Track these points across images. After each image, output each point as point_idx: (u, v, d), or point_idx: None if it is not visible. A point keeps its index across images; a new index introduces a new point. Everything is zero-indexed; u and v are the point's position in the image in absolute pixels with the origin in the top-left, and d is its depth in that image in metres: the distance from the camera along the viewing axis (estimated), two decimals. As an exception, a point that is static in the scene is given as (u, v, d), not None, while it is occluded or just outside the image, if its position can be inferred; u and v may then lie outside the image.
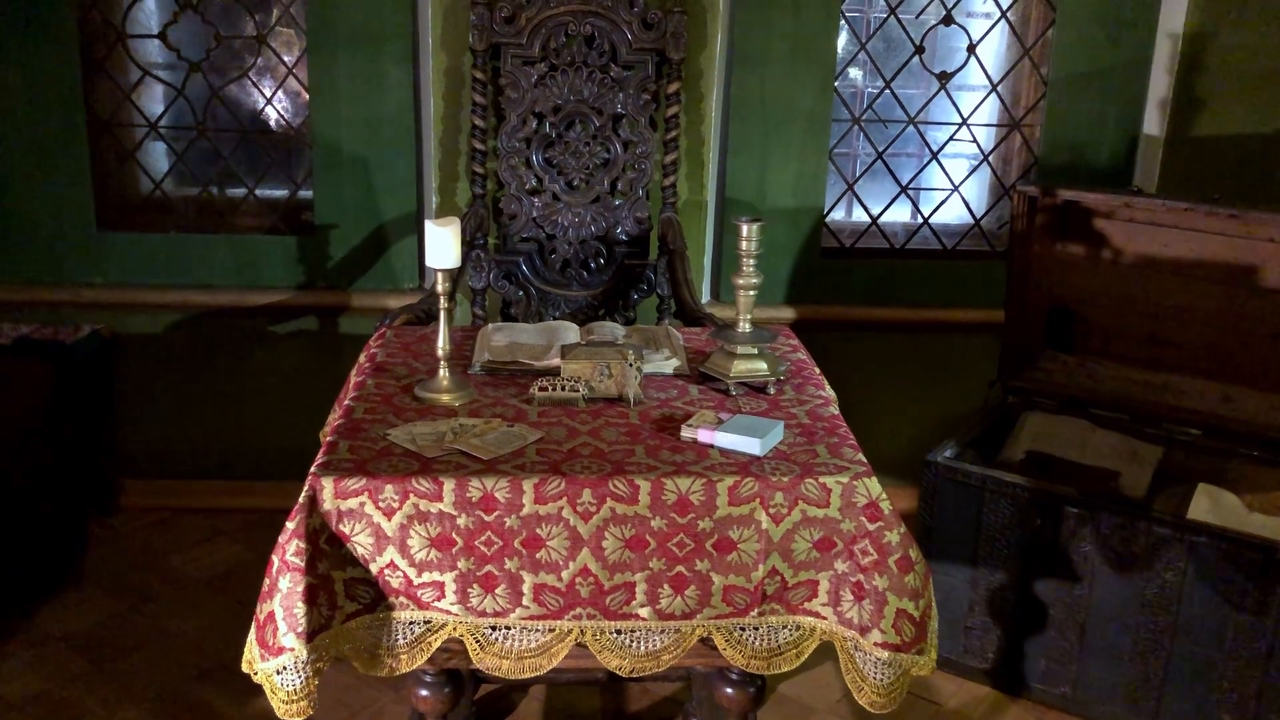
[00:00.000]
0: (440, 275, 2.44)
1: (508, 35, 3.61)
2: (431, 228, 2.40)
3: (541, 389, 2.46)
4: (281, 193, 4.15)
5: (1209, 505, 3.12)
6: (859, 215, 4.26)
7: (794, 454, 2.23)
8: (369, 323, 3.80)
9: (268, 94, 4.06)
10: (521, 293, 3.76)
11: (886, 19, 4.05)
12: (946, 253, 4.22)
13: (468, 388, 2.51)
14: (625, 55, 3.64)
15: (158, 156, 4.12)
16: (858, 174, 4.24)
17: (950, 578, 3.26)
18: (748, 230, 2.51)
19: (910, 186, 4.21)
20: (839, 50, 3.99)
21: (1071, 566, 3.07)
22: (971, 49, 4.06)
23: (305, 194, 4.08)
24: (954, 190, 4.19)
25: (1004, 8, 4.04)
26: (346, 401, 2.48)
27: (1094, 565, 3.04)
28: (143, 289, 3.98)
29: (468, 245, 3.58)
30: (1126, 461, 3.43)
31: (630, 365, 2.47)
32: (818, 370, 2.77)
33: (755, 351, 2.58)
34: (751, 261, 2.54)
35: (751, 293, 2.57)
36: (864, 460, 2.22)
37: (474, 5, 3.57)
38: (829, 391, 2.69)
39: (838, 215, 4.28)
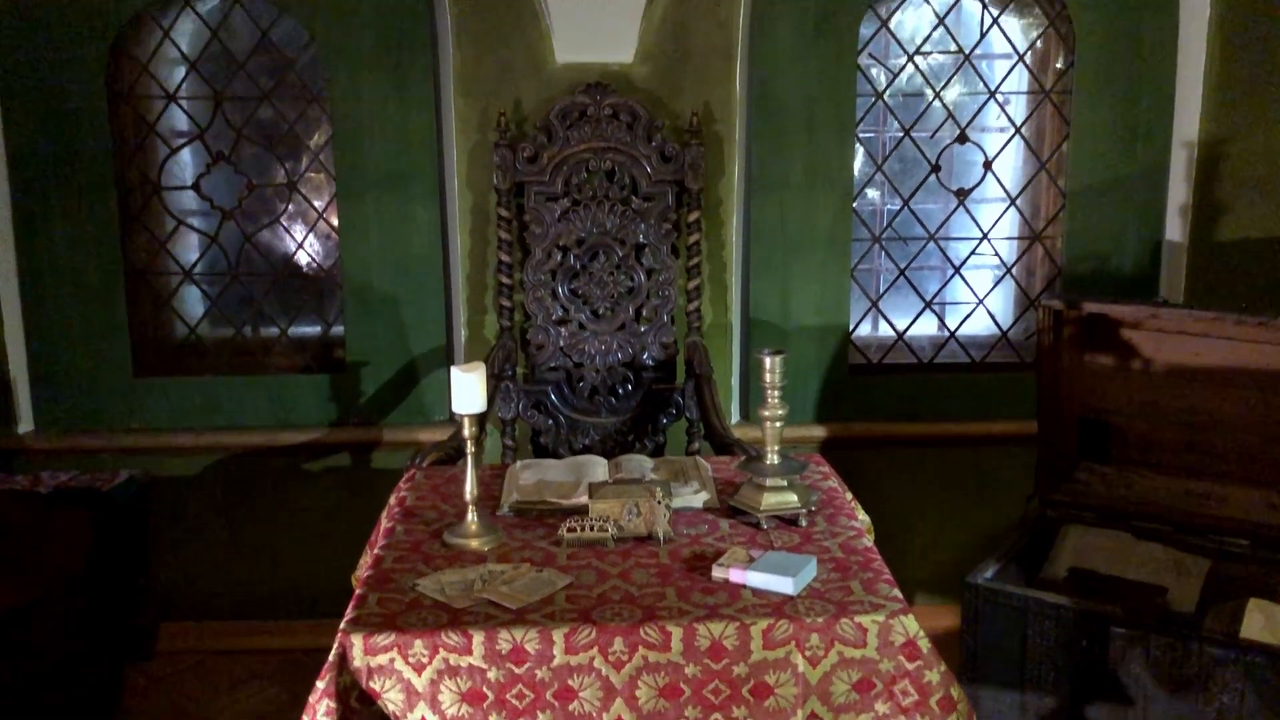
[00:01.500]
0: (467, 420, 2.46)
1: (531, 174, 3.70)
2: (458, 374, 2.43)
3: (570, 530, 2.45)
4: (314, 330, 4.22)
5: (1263, 622, 3.02)
6: (885, 329, 4.26)
7: (828, 592, 2.20)
8: (401, 457, 3.83)
9: (299, 237, 4.16)
10: (551, 421, 3.77)
11: (901, 140, 4.12)
12: (975, 366, 4.21)
13: (496, 531, 2.50)
14: (645, 187, 3.71)
15: (192, 302, 4.21)
16: (882, 289, 4.26)
17: (997, 703, 3.16)
18: (771, 363, 2.52)
19: (935, 301, 4.22)
20: (856, 172, 4.05)
21: (1123, 689, 2.97)
22: (988, 165, 4.10)
23: (337, 330, 4.15)
24: (979, 303, 4.19)
25: (1018, 124, 4.09)
26: (376, 550, 2.48)
27: (1146, 688, 2.94)
28: (178, 433, 4.03)
29: (496, 378, 3.62)
30: (1173, 575, 3.34)
31: (659, 503, 2.46)
32: (849, 497, 2.75)
33: (785, 483, 2.57)
34: (776, 393, 2.54)
35: (778, 424, 2.57)
36: (900, 596, 2.18)
37: (497, 146, 3.66)
38: (862, 518, 2.66)
39: (864, 330, 4.28)
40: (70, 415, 4.03)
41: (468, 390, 2.42)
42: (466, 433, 2.47)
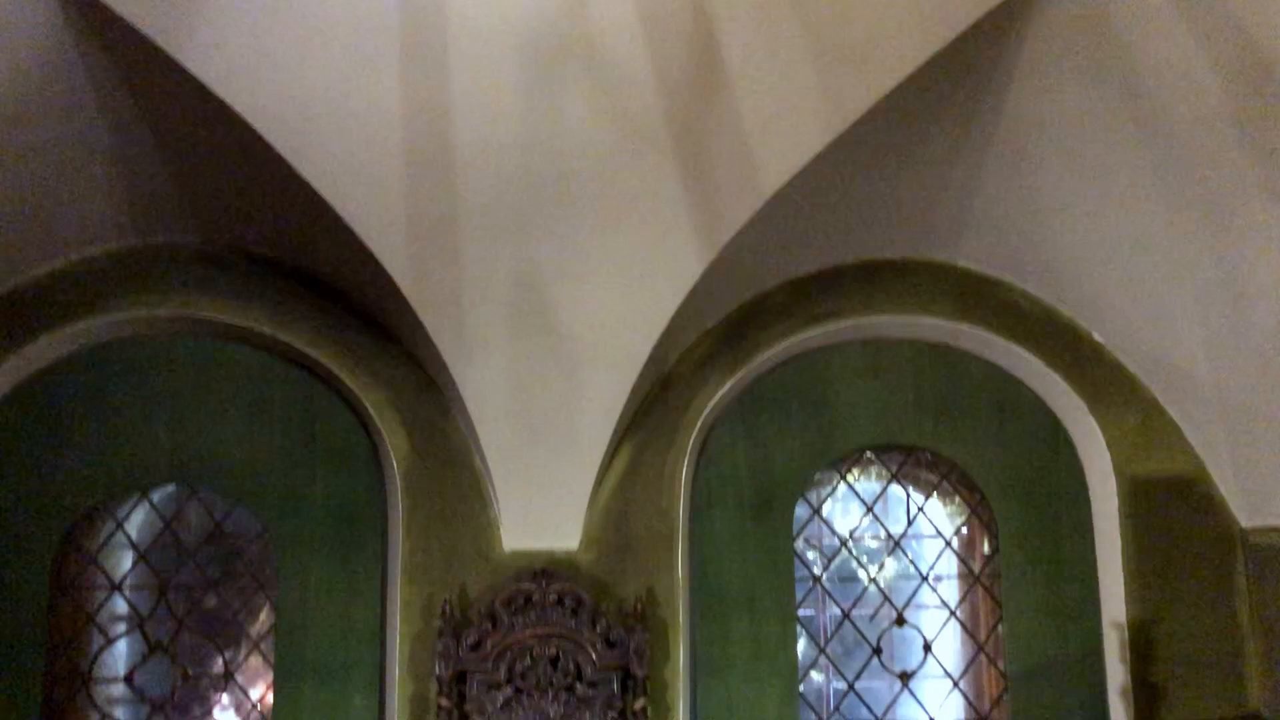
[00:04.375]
0: None
1: (474, 661, 3.68)
2: None
3: None
4: (234, 829, 3.95)
5: None
6: (842, 817, 4.09)
7: None
8: None
9: (230, 730, 4.02)
10: None
11: (842, 623, 4.19)
12: None
13: None
14: (590, 674, 3.69)
15: (107, 802, 3.96)
16: (836, 775, 4.14)
17: None
18: None
19: (892, 792, 4.10)
20: (799, 654, 4.07)
21: None
22: (927, 648, 4.16)
23: (260, 832, 3.89)
24: (937, 794, 4.08)
25: (952, 606, 4.20)
26: None
27: None
28: None
29: None
30: None
31: None
32: None
33: None
34: None
35: None
36: None
37: (441, 634, 3.66)
38: None
39: (820, 819, 4.11)
40: None
41: None
42: None
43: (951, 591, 4.27)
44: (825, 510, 4.29)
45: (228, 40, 3.05)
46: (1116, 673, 4.01)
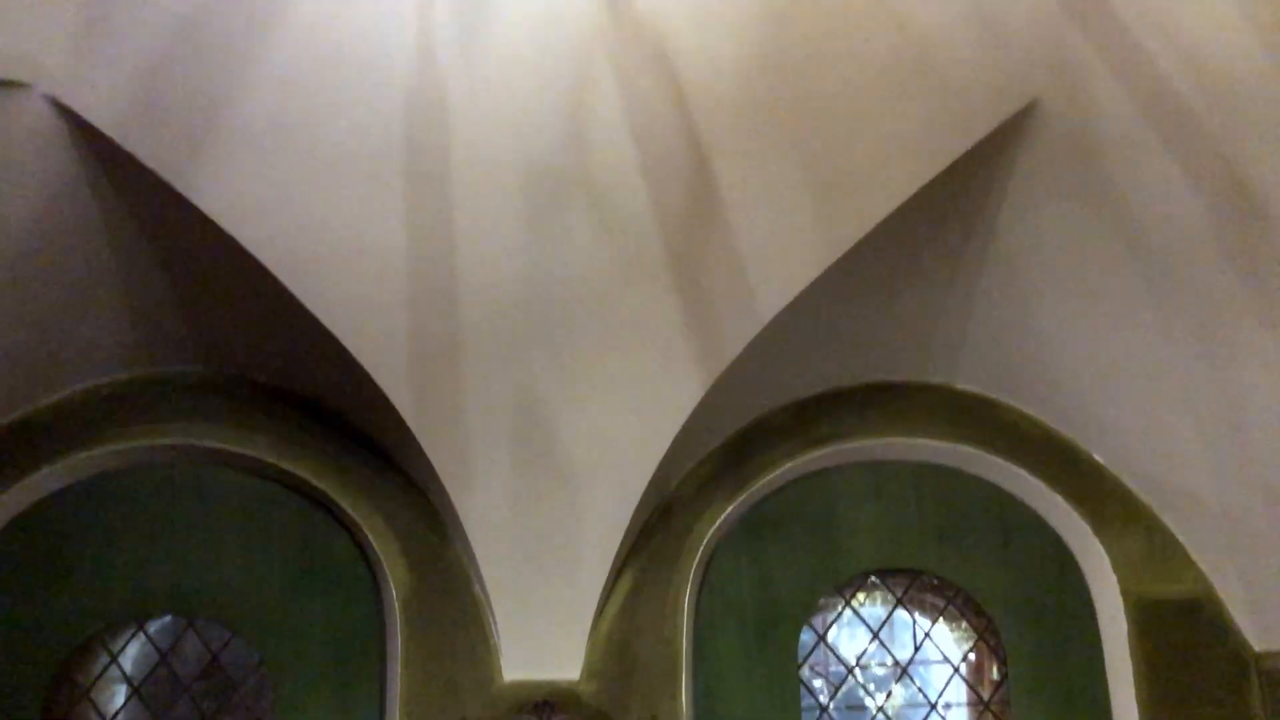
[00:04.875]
0: None
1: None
2: None
3: None
4: None
5: None
6: None
7: None
8: None
9: None
10: None
11: (851, 754, 4.09)
12: None
13: None
14: (592, 811, 3.58)
15: None
16: None
17: None
18: None
19: None
20: (807, 788, 3.96)
21: None
22: (938, 780, 4.05)
23: None
24: None
25: (962, 734, 4.11)
26: None
27: None
28: None
29: None
30: None
31: None
32: None
33: None
34: None
35: None
36: None
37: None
38: None
39: None
40: None
41: None
42: None
43: (961, 720, 4.18)
44: (830, 636, 4.21)
45: (234, 176, 3.13)
46: (1133, 802, 3.89)
